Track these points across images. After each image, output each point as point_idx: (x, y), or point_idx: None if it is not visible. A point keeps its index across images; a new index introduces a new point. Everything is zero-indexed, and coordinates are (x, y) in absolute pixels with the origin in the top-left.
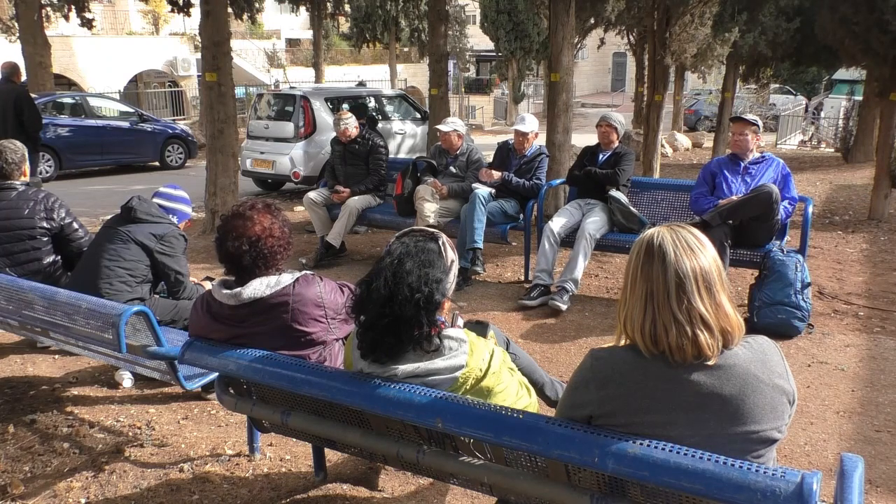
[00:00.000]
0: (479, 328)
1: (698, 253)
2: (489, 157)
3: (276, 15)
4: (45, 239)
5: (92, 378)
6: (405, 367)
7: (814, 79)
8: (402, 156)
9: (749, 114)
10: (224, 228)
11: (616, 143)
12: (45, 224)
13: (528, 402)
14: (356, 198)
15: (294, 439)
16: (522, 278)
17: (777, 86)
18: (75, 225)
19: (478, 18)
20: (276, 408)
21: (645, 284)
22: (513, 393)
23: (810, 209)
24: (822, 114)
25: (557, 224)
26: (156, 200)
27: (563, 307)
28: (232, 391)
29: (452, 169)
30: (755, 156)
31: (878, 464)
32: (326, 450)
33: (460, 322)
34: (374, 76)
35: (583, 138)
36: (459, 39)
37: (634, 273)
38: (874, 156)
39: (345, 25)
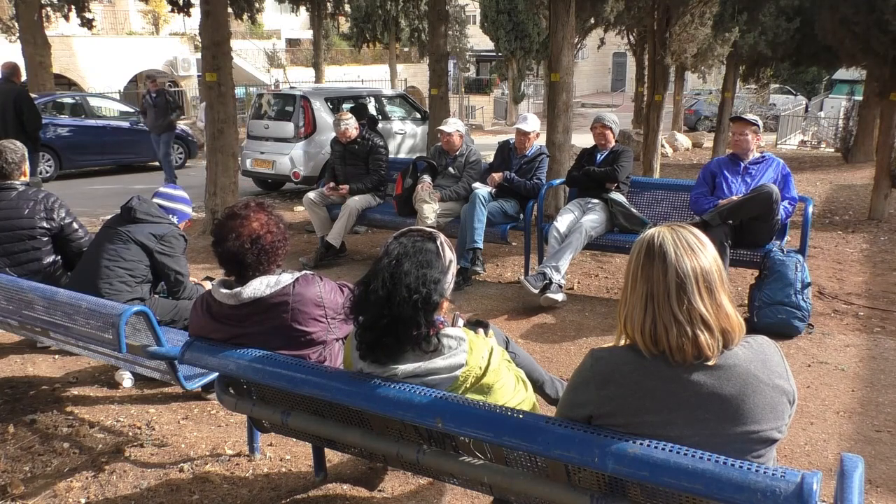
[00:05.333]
0: (479, 328)
1: (699, 253)
2: (489, 157)
3: (276, 15)
4: (45, 239)
5: (92, 378)
6: (405, 367)
7: (814, 79)
8: (402, 156)
9: (749, 114)
10: (222, 230)
11: (612, 143)
12: (45, 224)
13: (524, 395)
14: (356, 198)
15: (294, 439)
16: (522, 278)
17: (777, 86)
18: (75, 225)
19: (478, 18)
20: (276, 408)
21: (645, 284)
22: (510, 387)
23: (810, 209)
24: (823, 113)
25: (562, 224)
26: (156, 200)
27: (557, 297)
28: (232, 391)
29: (451, 169)
30: (755, 156)
31: (878, 464)
32: (326, 450)
33: (461, 322)
34: (374, 76)
35: (583, 138)
36: (459, 39)
37: (635, 273)
38: (874, 156)
39: (345, 25)
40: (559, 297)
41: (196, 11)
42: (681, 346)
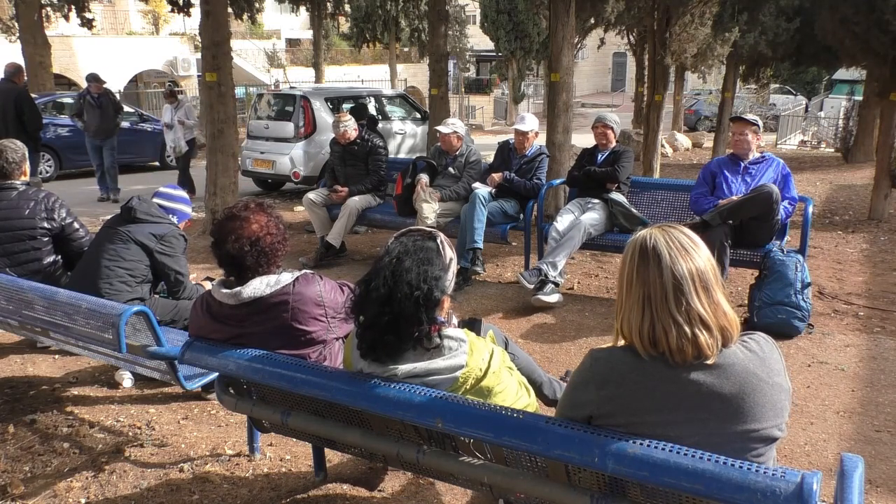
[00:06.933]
0: (473, 325)
1: (693, 253)
2: (489, 157)
3: (276, 15)
4: (46, 239)
5: (92, 378)
6: (405, 367)
7: (814, 79)
8: (402, 156)
9: (749, 114)
10: (221, 231)
11: (613, 143)
12: (45, 224)
13: (527, 401)
14: (356, 198)
15: (294, 439)
16: (519, 274)
17: (777, 86)
18: (76, 225)
19: (478, 18)
20: (276, 408)
21: (641, 287)
22: (513, 393)
23: (810, 209)
24: (823, 113)
25: (562, 224)
26: (156, 200)
27: (549, 300)
28: (232, 391)
29: (451, 169)
30: (755, 156)
31: (878, 464)
32: (326, 450)
33: (455, 321)
34: (374, 76)
35: (583, 138)
36: (459, 39)
37: (630, 276)
38: (874, 156)
39: (345, 25)
40: (552, 298)
41: (196, 11)
42: (681, 347)
